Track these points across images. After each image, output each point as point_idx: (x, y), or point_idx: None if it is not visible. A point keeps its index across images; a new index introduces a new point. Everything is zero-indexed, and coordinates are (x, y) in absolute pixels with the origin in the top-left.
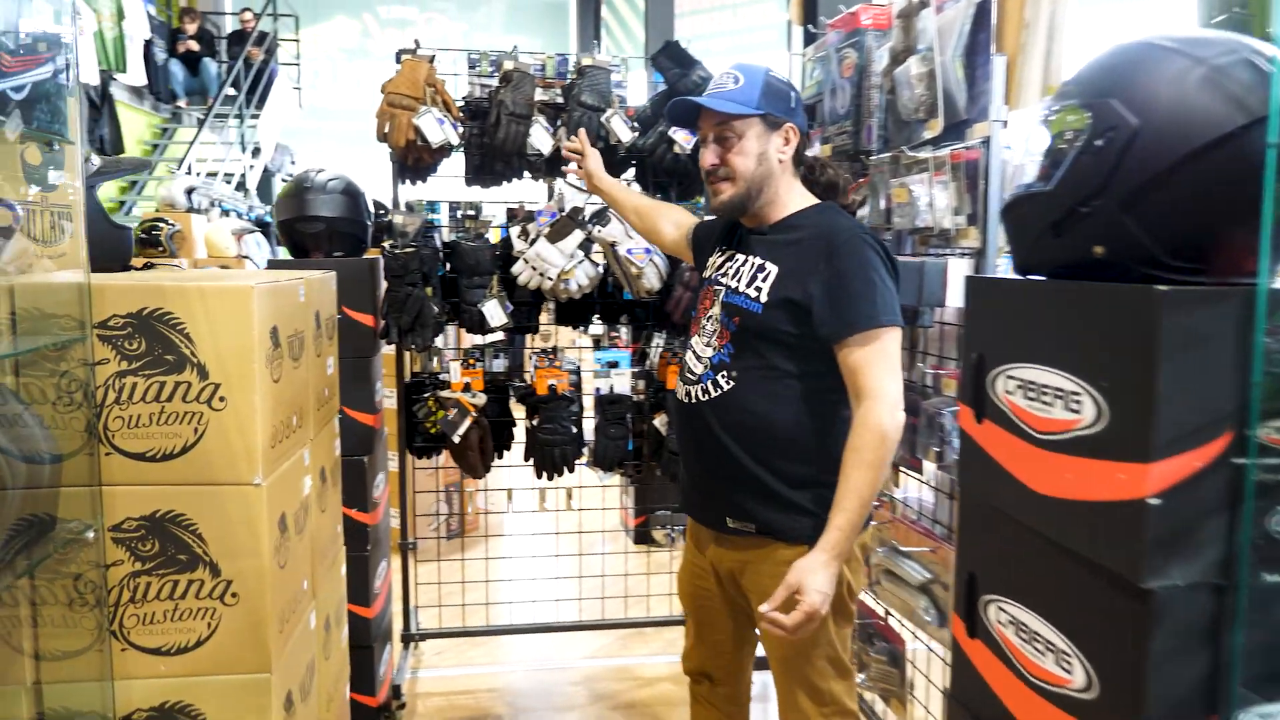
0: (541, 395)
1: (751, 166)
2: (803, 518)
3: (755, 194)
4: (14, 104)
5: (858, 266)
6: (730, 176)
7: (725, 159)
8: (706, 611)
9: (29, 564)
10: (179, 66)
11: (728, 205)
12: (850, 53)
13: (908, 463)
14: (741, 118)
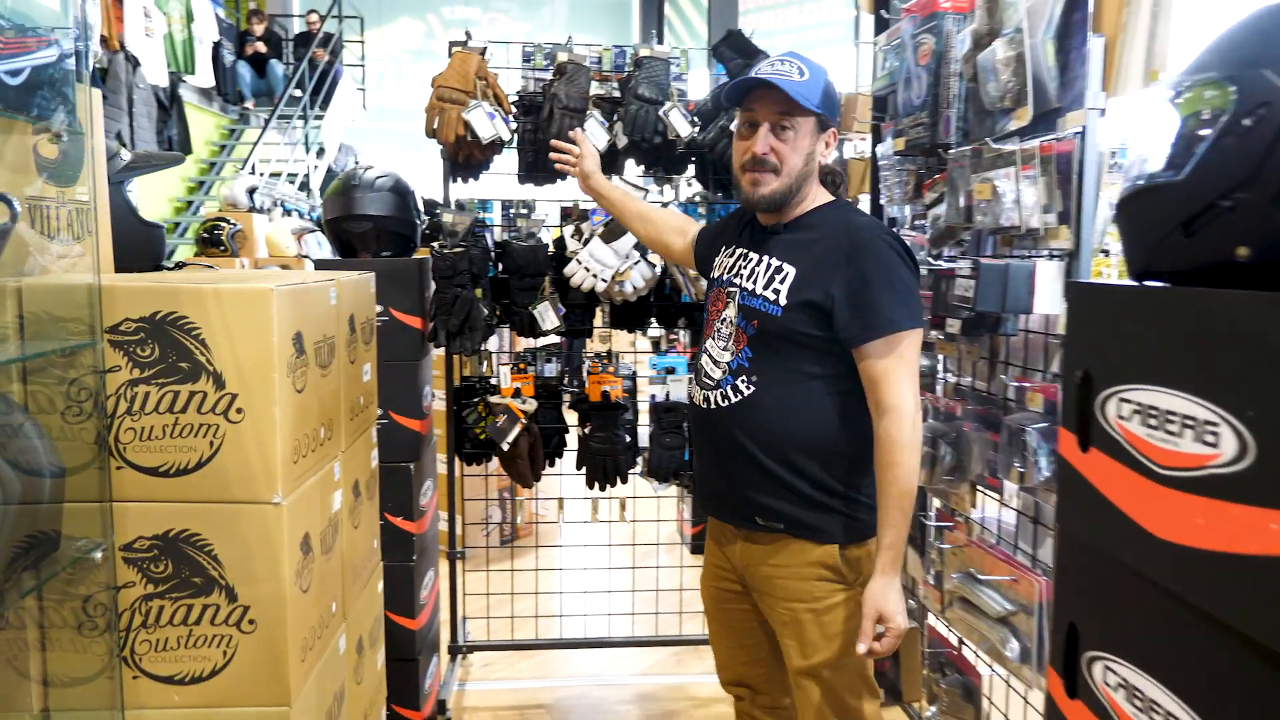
0: (594, 402)
1: (800, 164)
2: (832, 517)
3: (794, 192)
4: (9, 90)
5: (879, 268)
6: (777, 169)
7: (776, 149)
8: (731, 615)
9: (32, 584)
10: (246, 68)
11: (768, 199)
12: (927, 38)
13: (986, 482)
14: (806, 111)
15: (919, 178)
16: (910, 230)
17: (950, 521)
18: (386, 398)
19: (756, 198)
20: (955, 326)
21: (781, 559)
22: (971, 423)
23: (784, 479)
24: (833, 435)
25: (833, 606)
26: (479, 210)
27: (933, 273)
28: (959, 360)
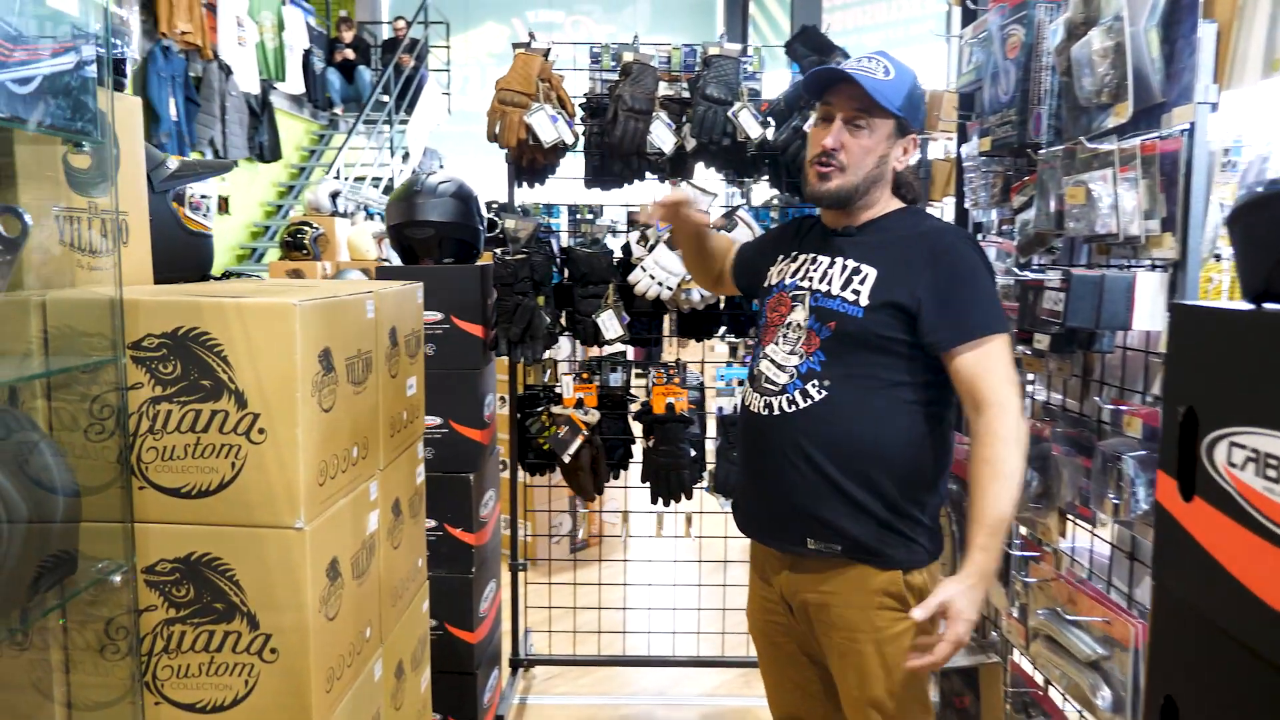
0: (658, 414)
1: (870, 165)
2: (896, 539)
3: (861, 193)
4: (17, 99)
5: (966, 271)
6: (844, 166)
7: (846, 145)
8: (781, 649)
9: (50, 606)
10: (336, 75)
11: (832, 195)
12: (1016, 30)
13: (1077, 510)
14: (885, 112)
15: (1007, 180)
16: (996, 236)
17: (1036, 552)
18: (447, 407)
19: (821, 190)
20: (1044, 342)
21: (837, 586)
22: (1061, 446)
23: (851, 493)
24: (907, 448)
25: (895, 636)
26: (543, 215)
27: (1020, 283)
28: (1048, 378)
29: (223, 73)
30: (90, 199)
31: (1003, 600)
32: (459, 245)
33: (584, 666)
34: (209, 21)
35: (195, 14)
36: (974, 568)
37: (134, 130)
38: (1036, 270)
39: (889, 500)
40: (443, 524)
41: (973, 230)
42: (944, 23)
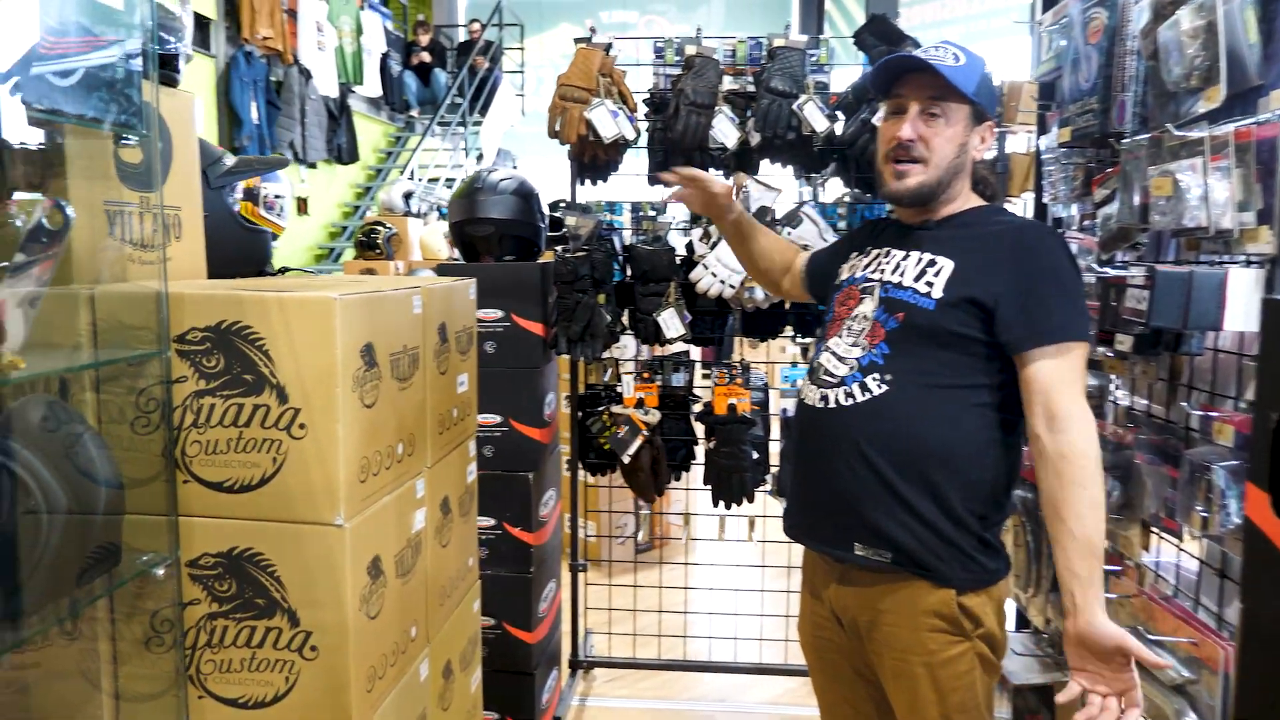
0: (719, 415)
1: (951, 155)
2: (953, 553)
3: (944, 185)
4: (58, 91)
5: (1051, 269)
6: (925, 159)
7: (924, 136)
8: (833, 666)
9: (93, 598)
10: (412, 77)
11: (913, 192)
12: (1099, 13)
13: (1161, 523)
14: (960, 98)
15: (1088, 172)
16: (1077, 232)
17: (1118, 566)
18: (506, 405)
19: (901, 189)
20: (1127, 343)
21: (886, 604)
22: (1145, 454)
23: (906, 497)
24: (972, 454)
25: (949, 660)
26: (606, 212)
27: (1101, 280)
28: (1131, 382)
29: (303, 77)
30: (142, 194)
31: None
32: (520, 243)
33: (644, 670)
34: (290, 27)
35: (277, 20)
36: (1087, 604)
37: (187, 125)
38: (1119, 267)
39: (947, 510)
40: (502, 523)
41: (1052, 225)
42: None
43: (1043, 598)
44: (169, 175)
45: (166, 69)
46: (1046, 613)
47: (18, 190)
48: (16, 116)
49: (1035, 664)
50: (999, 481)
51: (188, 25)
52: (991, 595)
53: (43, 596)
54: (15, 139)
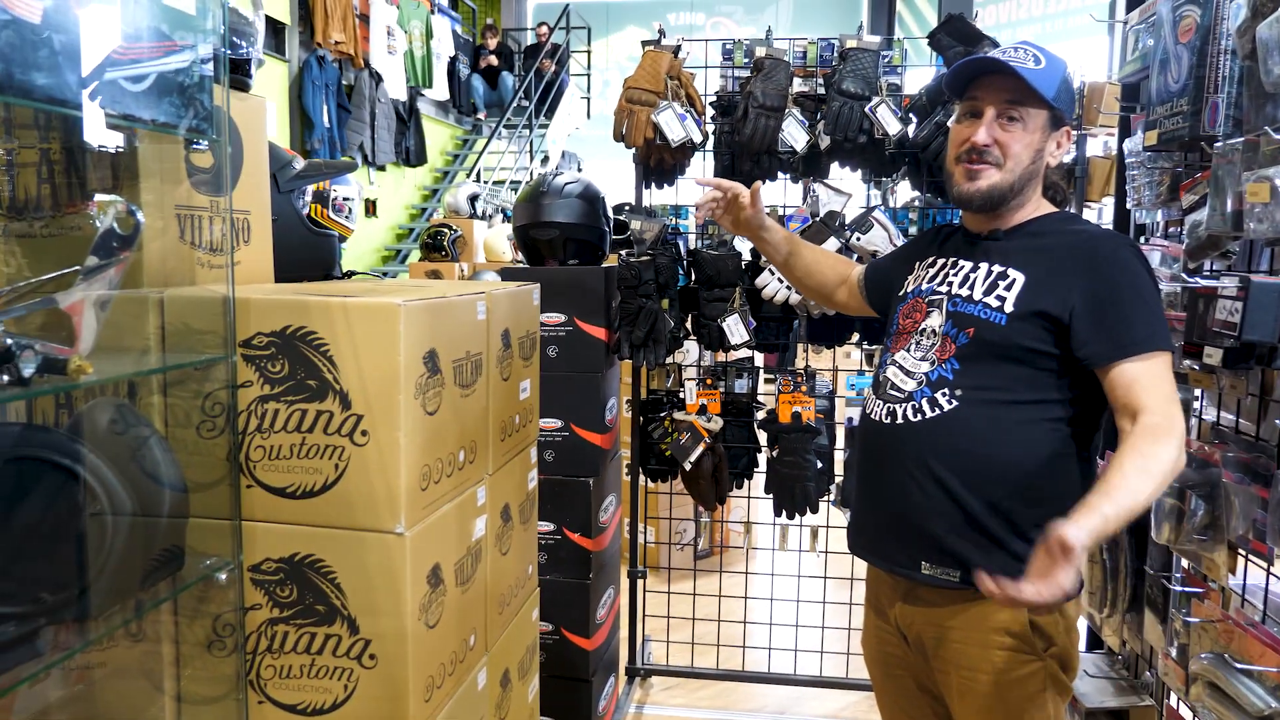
0: (783, 424)
1: (1028, 159)
2: (1024, 570)
3: (1017, 191)
4: (129, 96)
5: (1129, 280)
6: (999, 162)
7: (1000, 140)
8: (898, 682)
9: (156, 601)
10: (480, 81)
11: (985, 195)
12: (1191, 10)
13: (1250, 545)
14: (1039, 102)
15: (1175, 177)
16: (1162, 239)
17: (1200, 588)
18: (568, 410)
19: (972, 191)
20: (1215, 357)
21: (955, 622)
22: (1233, 473)
23: (976, 516)
24: (1043, 470)
25: (1019, 680)
26: (671, 217)
27: (1189, 291)
28: (1219, 397)
29: (373, 80)
30: (212, 198)
31: (1159, 638)
32: (584, 246)
33: (702, 679)
34: (361, 31)
35: (349, 24)
36: (1087, 524)
37: (258, 130)
38: (1208, 277)
39: (1018, 529)
40: (561, 528)
41: (1135, 233)
42: (1106, 9)
43: (1118, 618)
44: (239, 179)
45: (238, 74)
46: (1122, 633)
47: (96, 193)
48: (96, 119)
49: (1109, 686)
50: (1071, 498)
51: (260, 30)
52: (1064, 613)
53: (108, 598)
54: (95, 142)
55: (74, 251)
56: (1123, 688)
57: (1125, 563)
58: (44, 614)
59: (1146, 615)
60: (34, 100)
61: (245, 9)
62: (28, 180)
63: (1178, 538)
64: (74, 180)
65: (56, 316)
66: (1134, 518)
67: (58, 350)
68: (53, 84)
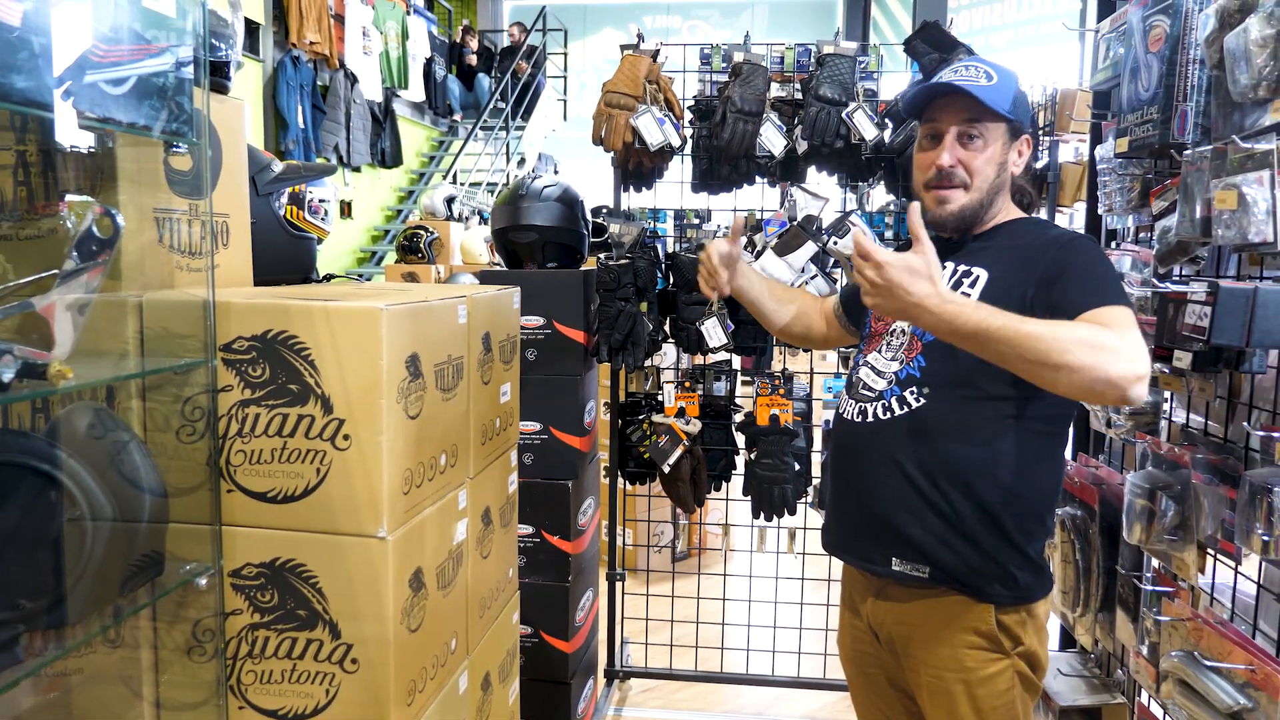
0: (761, 426)
1: (992, 175)
2: (992, 571)
3: (985, 206)
4: (110, 99)
5: (1079, 258)
6: (966, 183)
7: (965, 161)
8: (872, 680)
9: (142, 604)
10: (455, 82)
11: (956, 217)
12: (1160, 20)
13: (1219, 545)
14: (996, 117)
15: (1145, 184)
16: (1132, 245)
17: (1170, 587)
18: (546, 413)
19: (945, 215)
20: (1185, 360)
21: (924, 620)
22: (1202, 474)
23: (944, 512)
24: (1012, 467)
25: (987, 678)
26: (650, 220)
27: (1158, 295)
28: (1188, 399)
29: (348, 81)
30: (191, 200)
31: (1131, 637)
32: (562, 250)
33: (680, 681)
34: (337, 32)
35: (324, 25)
36: (949, 294)
37: (236, 133)
38: (1178, 282)
39: (986, 525)
40: (540, 531)
41: (1106, 238)
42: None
43: (1090, 617)
44: (218, 182)
45: (217, 76)
46: (1094, 632)
47: (73, 196)
48: (69, 121)
49: (1082, 685)
50: (1040, 496)
51: (239, 32)
52: (1032, 613)
53: (87, 604)
54: (67, 143)
55: (51, 255)
56: (1095, 686)
57: (1097, 563)
58: (22, 620)
59: (1118, 614)
60: (12, 103)
61: (224, 11)
62: (3, 183)
63: (1148, 538)
64: (51, 183)
65: (33, 320)
66: (1015, 343)
67: (36, 355)
68: (31, 86)
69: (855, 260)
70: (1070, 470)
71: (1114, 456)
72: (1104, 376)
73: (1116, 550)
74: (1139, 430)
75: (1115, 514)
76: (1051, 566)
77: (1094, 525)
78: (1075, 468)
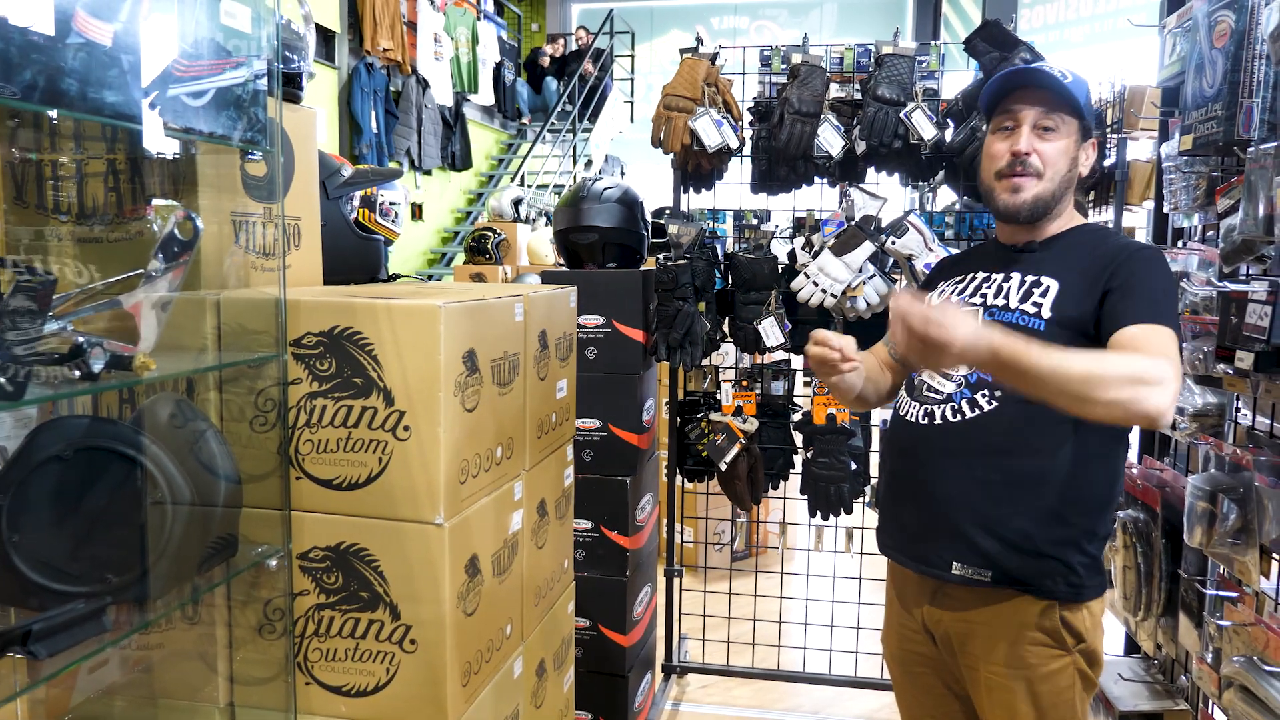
0: (818, 425)
1: (1065, 167)
2: (1057, 570)
3: (1057, 199)
4: (190, 110)
5: (1140, 271)
6: (1040, 171)
7: (1039, 150)
8: (919, 680)
9: (217, 582)
10: (524, 86)
11: (1030, 205)
12: (1225, 15)
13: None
14: (1072, 111)
15: (1211, 181)
16: (1199, 243)
17: (1234, 592)
18: (606, 410)
19: (1017, 204)
20: (1247, 360)
21: (986, 618)
22: (1267, 476)
23: (1012, 513)
24: (1079, 469)
25: (1049, 675)
26: (709, 221)
27: (1221, 295)
28: (1254, 401)
29: (420, 86)
30: (265, 204)
31: (1194, 642)
32: (622, 250)
33: (738, 678)
34: (409, 39)
35: (397, 32)
36: (992, 333)
37: (308, 140)
38: (1240, 281)
39: (1050, 525)
40: (599, 526)
41: (1173, 237)
42: (1148, 12)
43: (1152, 622)
44: (290, 187)
45: (290, 86)
46: (1157, 637)
47: (157, 200)
48: (155, 131)
49: (1144, 690)
50: (1103, 495)
51: (310, 44)
52: (1092, 610)
53: (167, 582)
54: (154, 151)
55: (137, 256)
56: (1158, 692)
57: (1160, 566)
58: (109, 593)
59: (1181, 619)
60: (104, 116)
61: (298, 24)
62: (95, 189)
63: (1209, 541)
64: (138, 189)
65: (120, 317)
66: (1051, 379)
67: (123, 348)
68: (120, 100)
69: (899, 330)
70: (1134, 473)
71: (1179, 459)
72: (1140, 412)
73: (1180, 554)
74: (1203, 432)
75: (1178, 517)
76: (1113, 570)
77: (1156, 528)
78: (1139, 470)
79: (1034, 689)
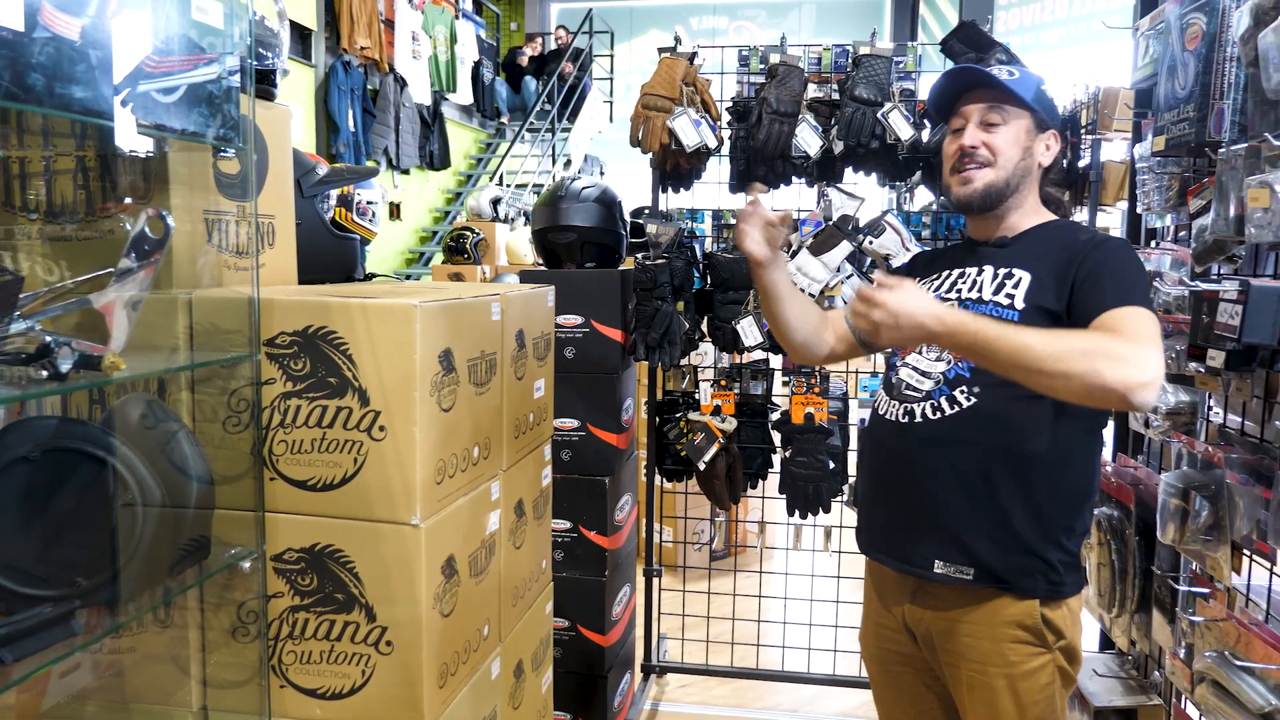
0: (796, 424)
1: (1016, 155)
2: (1036, 564)
3: (1011, 189)
4: (161, 107)
5: (1110, 258)
6: (989, 161)
7: (987, 142)
8: (897, 678)
9: (189, 585)
10: (503, 85)
11: (981, 194)
12: (1197, 18)
13: (1254, 545)
14: (1016, 101)
15: (1183, 182)
16: (1171, 244)
17: (1206, 588)
18: (584, 410)
19: (969, 194)
20: (1218, 359)
21: (967, 616)
22: (1238, 474)
23: (994, 511)
24: (1058, 462)
25: (1030, 672)
26: (687, 220)
27: (1192, 294)
28: (1225, 399)
29: (398, 85)
30: (238, 203)
31: (1167, 638)
32: (601, 250)
33: (717, 677)
34: (387, 37)
35: (374, 30)
36: (948, 311)
37: (282, 138)
38: (1215, 281)
39: (1034, 522)
40: (577, 526)
41: (1146, 237)
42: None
43: (1126, 618)
44: (264, 185)
45: (264, 84)
46: (1131, 634)
47: (128, 198)
48: (126, 128)
49: (1118, 686)
50: (1082, 490)
51: (284, 41)
52: (1071, 607)
53: (138, 585)
54: (126, 148)
55: (107, 254)
56: (1132, 687)
57: (1134, 563)
58: (78, 596)
59: (1155, 616)
60: (72, 112)
61: (271, 20)
62: (64, 186)
63: (1182, 538)
64: (108, 186)
65: (91, 316)
66: (1014, 355)
67: (92, 348)
68: (90, 96)
69: (854, 306)
70: (1108, 470)
71: (1152, 457)
72: (1100, 384)
73: (1153, 551)
74: (1176, 430)
75: (1152, 514)
76: (1088, 567)
77: (1130, 526)
78: (1114, 468)
79: (1015, 686)
